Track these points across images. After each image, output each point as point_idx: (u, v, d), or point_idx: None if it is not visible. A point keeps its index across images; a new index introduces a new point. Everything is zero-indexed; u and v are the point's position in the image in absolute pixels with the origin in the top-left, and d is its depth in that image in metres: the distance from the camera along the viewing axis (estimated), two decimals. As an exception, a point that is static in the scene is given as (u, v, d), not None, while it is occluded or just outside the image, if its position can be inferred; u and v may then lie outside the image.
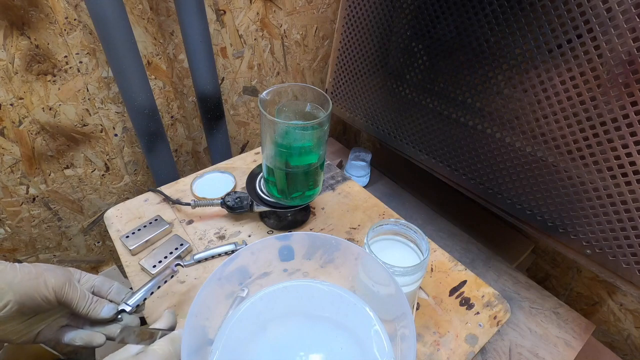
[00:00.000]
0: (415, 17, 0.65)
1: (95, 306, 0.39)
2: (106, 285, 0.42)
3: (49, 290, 0.35)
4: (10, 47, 0.58)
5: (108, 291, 0.42)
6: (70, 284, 0.37)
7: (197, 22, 0.67)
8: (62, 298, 0.36)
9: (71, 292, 0.37)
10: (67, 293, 0.37)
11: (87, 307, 0.38)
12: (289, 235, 0.42)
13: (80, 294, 0.38)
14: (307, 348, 0.39)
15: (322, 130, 0.49)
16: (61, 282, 0.36)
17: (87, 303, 0.38)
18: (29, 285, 0.35)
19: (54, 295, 0.36)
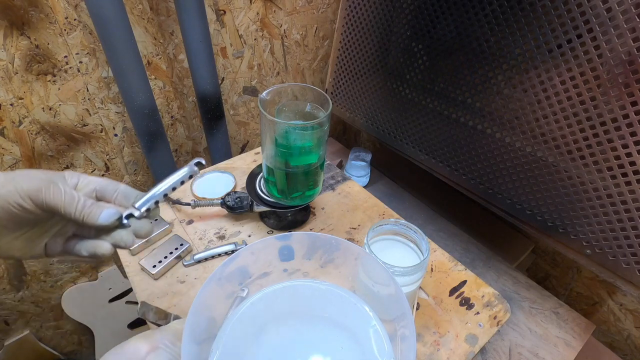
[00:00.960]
0: (415, 17, 0.65)
1: (90, 210, 0.33)
2: (111, 188, 0.36)
3: (22, 197, 0.30)
4: (10, 47, 0.58)
5: (114, 195, 0.36)
6: (50, 186, 0.31)
7: (197, 22, 0.67)
8: (43, 204, 0.31)
9: (52, 195, 0.31)
10: (47, 197, 0.31)
11: (81, 212, 0.32)
12: (289, 235, 0.42)
13: (66, 196, 0.32)
14: (307, 348, 0.39)
15: (322, 130, 0.49)
16: (36, 186, 0.31)
17: (78, 207, 0.32)
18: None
19: (30, 202, 0.31)
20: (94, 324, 0.96)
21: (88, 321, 0.95)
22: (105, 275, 0.92)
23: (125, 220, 0.35)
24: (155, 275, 0.52)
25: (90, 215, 0.33)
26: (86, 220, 0.33)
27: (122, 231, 0.35)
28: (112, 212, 0.34)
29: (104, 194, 0.35)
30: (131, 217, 0.35)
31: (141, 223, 0.36)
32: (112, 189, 0.35)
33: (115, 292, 0.96)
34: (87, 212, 0.33)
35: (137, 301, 0.51)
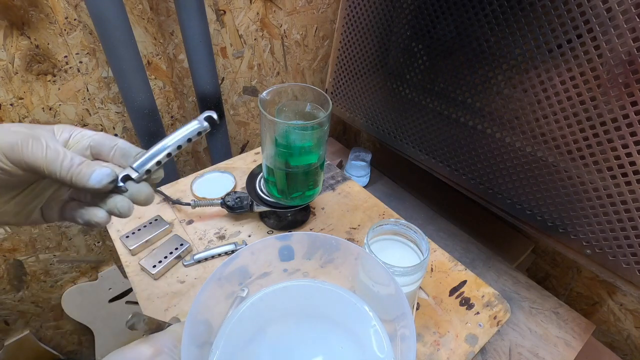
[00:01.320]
0: (415, 17, 0.65)
1: (80, 170, 0.27)
2: (108, 143, 0.30)
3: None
4: (10, 47, 0.58)
5: (111, 152, 0.30)
6: (30, 141, 0.26)
7: (197, 22, 0.67)
8: (22, 162, 0.26)
9: (32, 151, 0.26)
10: (26, 154, 0.26)
11: (68, 172, 0.27)
12: (289, 235, 0.42)
13: (49, 152, 0.27)
14: (307, 348, 0.39)
15: (322, 130, 0.49)
16: (12, 141, 0.26)
17: (63, 165, 0.27)
18: None
19: (5, 160, 0.26)
20: (94, 324, 0.96)
21: (88, 321, 0.95)
22: (105, 275, 0.92)
23: (121, 183, 0.29)
24: (155, 275, 0.52)
25: (79, 176, 0.27)
26: (74, 181, 0.28)
27: (117, 197, 0.30)
28: (105, 172, 0.28)
29: (100, 151, 0.30)
30: (129, 180, 0.30)
31: (139, 187, 0.30)
32: (109, 144, 0.30)
33: (115, 292, 0.96)
34: (75, 172, 0.27)
35: (137, 301, 0.51)
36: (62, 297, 0.88)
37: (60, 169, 0.27)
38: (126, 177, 0.30)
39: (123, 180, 0.30)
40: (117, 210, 0.30)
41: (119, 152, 0.30)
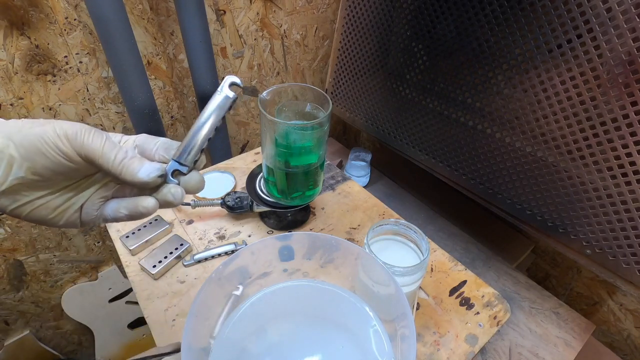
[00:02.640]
0: (415, 17, 0.65)
1: (131, 162, 0.29)
2: (151, 141, 0.32)
3: (60, 137, 0.27)
4: (10, 47, 0.58)
5: (154, 148, 0.32)
6: (92, 131, 0.28)
7: (197, 22, 0.67)
8: (81, 148, 0.28)
9: (92, 139, 0.28)
10: (87, 141, 0.28)
11: (120, 163, 0.29)
12: (289, 235, 0.42)
13: (106, 143, 0.28)
14: (307, 348, 0.39)
15: (322, 130, 0.49)
16: (76, 128, 0.28)
17: (117, 156, 0.29)
18: (35, 134, 0.27)
19: (67, 143, 0.27)
20: (94, 324, 0.96)
21: (88, 321, 0.95)
22: (105, 275, 0.92)
23: (172, 179, 0.31)
24: (155, 275, 0.52)
25: (129, 168, 0.29)
26: (123, 173, 0.29)
27: (172, 186, 0.31)
28: (154, 166, 0.30)
29: (144, 149, 0.32)
30: (178, 174, 0.31)
31: (190, 176, 0.32)
32: (152, 142, 0.32)
33: (115, 292, 0.96)
34: (126, 164, 0.29)
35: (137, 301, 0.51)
36: (62, 297, 0.88)
37: (114, 160, 0.28)
38: (175, 172, 0.30)
39: (173, 175, 0.30)
40: (171, 197, 0.31)
41: (162, 147, 0.31)
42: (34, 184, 0.28)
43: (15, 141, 0.26)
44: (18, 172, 0.27)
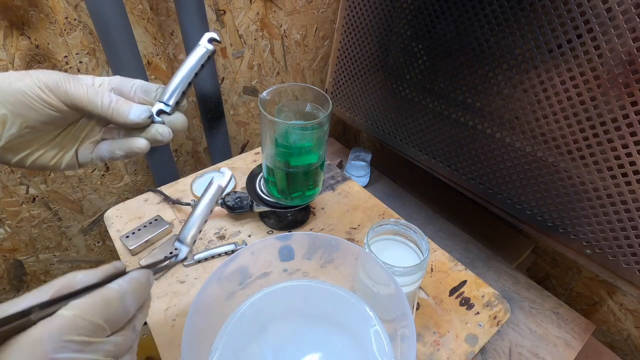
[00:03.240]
0: (415, 17, 0.65)
1: (118, 106, 0.30)
2: (127, 83, 0.33)
3: (42, 89, 0.28)
4: (10, 47, 0.58)
5: (131, 90, 0.33)
6: (70, 79, 0.29)
7: (197, 22, 0.67)
8: (66, 96, 0.28)
9: (74, 87, 0.29)
10: (69, 89, 0.29)
11: (108, 107, 0.30)
12: (289, 235, 0.42)
13: (89, 91, 0.29)
14: (307, 348, 0.39)
15: (322, 130, 0.49)
16: (55, 78, 0.28)
17: (103, 101, 0.30)
18: (18, 90, 0.27)
19: (51, 94, 0.28)
20: (94, 324, 0.96)
21: (88, 321, 0.95)
22: (105, 275, 0.92)
23: (157, 117, 0.32)
24: (155, 276, 0.52)
25: (119, 111, 0.30)
26: (114, 116, 0.30)
27: (158, 125, 0.32)
28: (142, 108, 0.31)
29: (121, 91, 0.32)
30: (162, 114, 0.33)
31: (175, 116, 0.33)
32: (129, 84, 0.33)
33: (115, 292, 0.96)
34: (115, 108, 0.30)
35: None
36: (62, 297, 0.88)
37: (101, 105, 0.30)
38: (160, 112, 0.32)
39: (157, 114, 0.32)
40: (160, 136, 0.33)
41: (140, 89, 0.32)
42: (28, 135, 0.29)
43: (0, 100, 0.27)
44: (11, 128, 0.28)
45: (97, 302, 0.22)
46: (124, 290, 0.24)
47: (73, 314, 0.21)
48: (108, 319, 0.22)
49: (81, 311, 0.21)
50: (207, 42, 0.34)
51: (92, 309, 0.21)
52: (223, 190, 0.36)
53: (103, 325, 0.22)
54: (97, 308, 0.22)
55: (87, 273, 0.24)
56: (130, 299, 0.24)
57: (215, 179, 0.36)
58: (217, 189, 0.36)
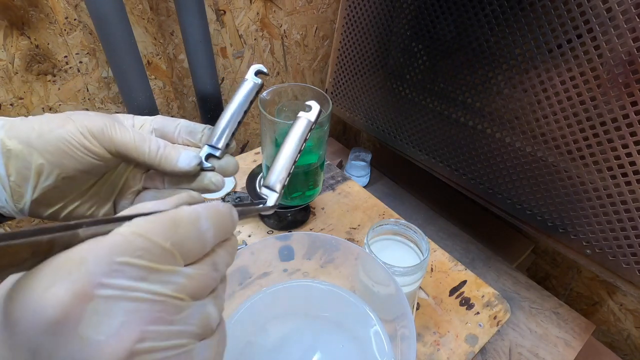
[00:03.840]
0: (415, 17, 0.65)
1: (168, 152, 0.27)
2: (170, 124, 0.30)
3: (86, 137, 0.25)
4: (10, 47, 0.58)
5: (175, 131, 0.30)
6: (115, 125, 0.26)
7: (197, 22, 0.67)
8: (111, 144, 0.26)
9: (120, 134, 0.26)
10: (115, 136, 0.26)
11: (157, 155, 0.27)
12: (289, 235, 0.42)
13: (136, 137, 0.27)
14: (307, 348, 0.39)
15: (322, 130, 0.49)
16: (100, 124, 0.25)
17: (151, 148, 0.27)
18: (58, 137, 0.24)
19: (95, 142, 0.25)
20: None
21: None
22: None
23: (206, 163, 0.30)
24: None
25: (167, 159, 0.27)
26: (162, 164, 0.27)
27: (209, 173, 0.29)
28: (192, 154, 0.28)
29: (163, 133, 0.30)
30: (211, 157, 0.30)
31: (226, 160, 0.30)
32: (172, 125, 0.30)
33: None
34: (163, 155, 0.27)
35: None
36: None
37: (149, 152, 0.27)
38: (209, 156, 0.30)
39: (206, 159, 0.30)
40: (214, 185, 0.30)
41: (184, 131, 0.30)
42: (64, 186, 0.26)
43: (37, 147, 0.24)
44: (48, 179, 0.25)
45: (164, 220, 0.17)
46: (198, 212, 0.19)
47: (132, 231, 0.16)
48: (177, 243, 0.17)
49: (143, 228, 0.16)
50: (253, 76, 0.31)
51: (156, 227, 0.17)
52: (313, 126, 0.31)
53: (170, 249, 0.17)
54: (164, 227, 0.17)
55: (158, 202, 0.20)
56: (206, 223, 0.19)
57: (302, 114, 0.31)
58: (306, 125, 0.31)
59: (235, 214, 0.22)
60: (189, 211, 0.18)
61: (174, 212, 0.18)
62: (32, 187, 0.25)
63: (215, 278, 0.19)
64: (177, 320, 0.16)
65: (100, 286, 0.14)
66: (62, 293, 0.14)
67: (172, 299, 0.16)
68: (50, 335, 0.14)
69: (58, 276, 0.14)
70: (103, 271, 0.15)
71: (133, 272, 0.15)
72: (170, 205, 0.20)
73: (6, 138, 0.24)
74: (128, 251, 0.15)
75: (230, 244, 0.21)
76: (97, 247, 0.15)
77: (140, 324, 0.15)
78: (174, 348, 0.16)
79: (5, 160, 0.24)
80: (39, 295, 0.14)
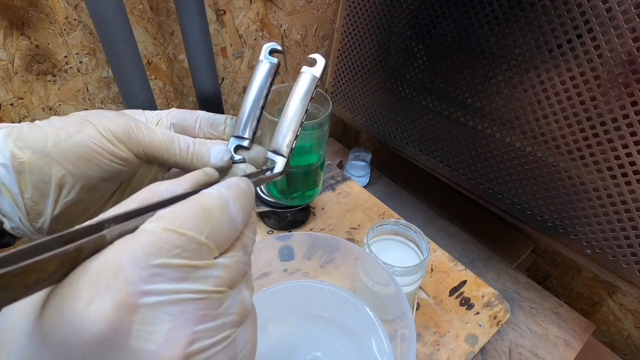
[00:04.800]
0: (415, 17, 0.65)
1: (198, 150, 0.25)
2: (189, 117, 0.28)
3: (111, 142, 0.22)
4: (10, 47, 0.58)
5: (196, 125, 0.28)
6: (141, 126, 0.24)
7: (197, 22, 0.66)
8: (140, 147, 0.23)
9: (149, 136, 0.24)
10: (143, 138, 0.23)
11: (187, 153, 0.25)
12: (289, 235, 0.42)
13: (164, 137, 0.24)
14: (307, 348, 0.39)
15: (322, 130, 0.49)
16: (123, 125, 0.23)
17: (181, 147, 0.25)
18: (78, 144, 0.21)
19: (124, 148, 0.23)
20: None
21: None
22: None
23: (236, 155, 0.28)
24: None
25: (199, 156, 0.25)
26: (195, 162, 0.25)
27: (241, 165, 0.28)
28: (222, 149, 0.26)
29: (184, 127, 0.28)
30: (240, 149, 0.28)
31: (255, 150, 0.29)
32: (191, 117, 0.28)
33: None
34: (195, 153, 0.25)
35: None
36: (62, 297, 0.88)
37: (180, 151, 0.25)
38: (237, 147, 0.28)
39: (234, 151, 0.28)
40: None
41: (206, 123, 0.28)
42: (87, 198, 0.24)
43: (56, 157, 0.21)
44: (70, 193, 0.22)
45: (194, 211, 0.16)
46: (225, 196, 0.18)
47: (163, 227, 0.15)
48: (211, 234, 0.16)
49: (174, 223, 0.15)
50: (268, 55, 0.29)
51: (188, 219, 0.15)
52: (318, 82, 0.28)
53: (206, 243, 0.16)
54: (196, 218, 0.16)
55: (172, 182, 0.18)
56: (235, 207, 0.18)
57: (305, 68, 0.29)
58: (311, 81, 0.28)
59: (253, 188, 0.20)
60: (217, 196, 0.17)
61: (201, 197, 0.17)
62: (53, 203, 0.22)
63: (247, 262, 0.19)
64: (220, 314, 0.16)
65: (142, 294, 0.13)
66: (106, 307, 0.13)
67: (214, 294, 0.15)
68: (100, 352, 0.13)
69: (97, 288, 0.13)
70: (142, 278, 0.14)
71: (173, 274, 0.14)
72: (187, 185, 0.19)
73: (16, 149, 0.21)
74: (164, 251, 0.14)
75: (252, 221, 0.20)
76: (131, 250, 0.14)
77: (188, 326, 0.14)
78: (221, 342, 0.16)
79: (17, 175, 0.21)
80: (81, 311, 0.12)
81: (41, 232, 0.24)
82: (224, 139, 0.29)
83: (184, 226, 0.15)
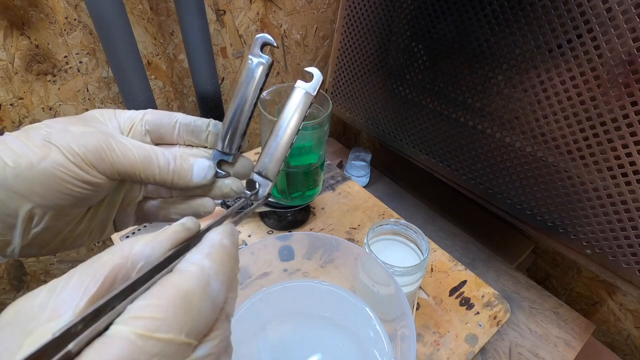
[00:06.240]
0: (415, 17, 0.65)
1: (180, 166, 0.23)
2: (167, 122, 0.24)
3: (81, 168, 0.20)
4: (10, 47, 0.58)
5: (174, 131, 0.25)
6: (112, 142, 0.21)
7: (197, 22, 0.66)
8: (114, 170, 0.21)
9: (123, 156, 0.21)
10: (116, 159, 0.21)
11: (168, 173, 0.23)
12: (289, 235, 0.42)
13: (139, 154, 0.22)
14: (307, 348, 0.39)
15: (322, 130, 0.49)
16: (94, 146, 0.20)
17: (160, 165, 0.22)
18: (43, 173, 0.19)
19: (94, 172, 0.20)
20: (94, 324, 0.96)
21: (88, 321, 0.95)
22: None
23: (220, 171, 0.26)
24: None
25: (180, 175, 0.23)
26: (175, 181, 0.23)
27: (226, 180, 0.26)
28: (204, 164, 0.24)
29: (161, 135, 0.25)
30: (224, 164, 0.26)
31: (241, 163, 0.26)
32: (168, 122, 0.24)
33: (115, 292, 0.96)
34: (176, 171, 0.23)
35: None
36: (62, 297, 0.88)
37: (160, 170, 0.22)
38: (220, 162, 0.26)
39: (219, 166, 0.26)
40: (234, 192, 0.26)
41: (185, 130, 0.25)
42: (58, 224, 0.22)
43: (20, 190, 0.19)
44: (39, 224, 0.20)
45: (172, 304, 0.14)
46: (207, 272, 0.16)
47: (137, 333, 0.13)
48: (192, 328, 0.15)
49: (151, 326, 0.13)
50: (259, 52, 0.24)
51: (167, 319, 0.14)
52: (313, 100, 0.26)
53: (186, 341, 0.14)
54: (175, 315, 0.14)
55: (148, 242, 0.17)
56: (217, 282, 0.16)
57: (300, 84, 0.26)
58: (303, 98, 0.25)
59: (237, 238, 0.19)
60: (198, 275, 0.16)
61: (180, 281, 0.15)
62: (21, 234, 0.20)
63: (228, 335, 0.17)
64: None
65: None
66: None
67: None
68: None
69: None
70: None
71: None
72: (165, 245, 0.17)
73: None
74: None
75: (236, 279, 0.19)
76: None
77: None
78: None
79: None
80: None
81: (12, 257, 0.22)
82: (207, 147, 0.26)
83: (162, 329, 0.13)
